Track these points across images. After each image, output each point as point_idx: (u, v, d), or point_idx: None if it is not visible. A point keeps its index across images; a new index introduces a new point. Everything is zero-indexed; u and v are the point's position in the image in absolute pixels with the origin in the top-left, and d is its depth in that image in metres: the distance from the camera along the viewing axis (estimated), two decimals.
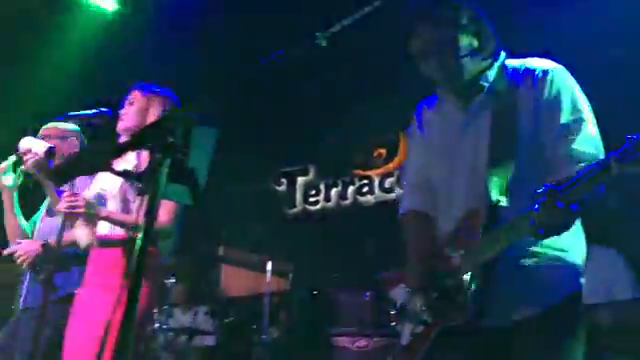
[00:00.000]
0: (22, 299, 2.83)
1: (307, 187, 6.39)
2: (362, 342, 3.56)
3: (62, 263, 2.67)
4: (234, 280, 5.01)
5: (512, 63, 1.79)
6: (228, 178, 4.87)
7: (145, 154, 2.25)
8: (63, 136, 3.00)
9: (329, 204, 6.20)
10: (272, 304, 4.63)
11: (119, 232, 2.43)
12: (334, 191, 6.19)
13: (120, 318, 1.22)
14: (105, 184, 2.54)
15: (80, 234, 2.53)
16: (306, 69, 4.29)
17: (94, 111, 2.40)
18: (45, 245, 2.73)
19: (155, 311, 4.21)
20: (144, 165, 2.17)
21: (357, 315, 3.82)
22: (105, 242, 2.45)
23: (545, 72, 1.69)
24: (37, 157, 2.46)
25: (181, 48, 5.05)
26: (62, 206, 2.29)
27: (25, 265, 2.71)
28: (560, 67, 1.72)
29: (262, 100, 4.14)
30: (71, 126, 3.06)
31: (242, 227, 5.78)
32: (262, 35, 4.36)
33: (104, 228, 2.48)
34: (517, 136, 1.65)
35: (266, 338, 4.41)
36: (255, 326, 4.78)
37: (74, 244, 2.59)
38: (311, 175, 6.43)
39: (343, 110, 5.36)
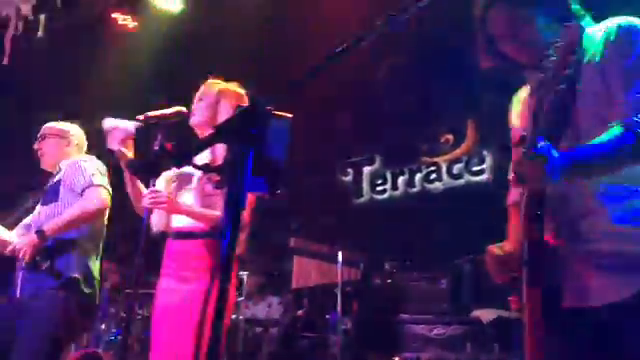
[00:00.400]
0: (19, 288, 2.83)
1: (374, 176, 6.36)
2: (440, 330, 3.52)
3: (62, 248, 2.75)
4: (306, 271, 5.05)
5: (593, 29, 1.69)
6: (295, 169, 4.92)
7: (220, 148, 2.30)
8: (63, 135, 3.09)
9: (396, 192, 6.16)
10: (344, 294, 4.64)
11: (199, 225, 2.48)
12: (401, 179, 6.14)
13: (211, 312, 1.23)
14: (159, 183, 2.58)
15: (156, 221, 2.58)
16: (371, 56, 4.26)
17: (171, 110, 2.45)
18: (39, 233, 2.73)
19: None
20: (220, 159, 2.22)
21: (433, 302, 3.77)
22: (184, 234, 2.50)
23: (618, 28, 1.58)
24: (125, 133, 2.47)
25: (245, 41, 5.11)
26: (145, 202, 2.35)
27: (27, 259, 2.71)
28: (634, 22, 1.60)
29: (327, 90, 4.15)
30: (70, 126, 3.17)
31: (311, 218, 5.81)
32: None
33: (181, 221, 2.54)
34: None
35: (339, 328, 4.43)
36: (328, 316, 4.82)
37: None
38: (377, 164, 6.39)
39: (408, 97, 5.31)
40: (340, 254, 4.68)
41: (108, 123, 2.49)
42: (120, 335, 4.96)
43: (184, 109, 2.50)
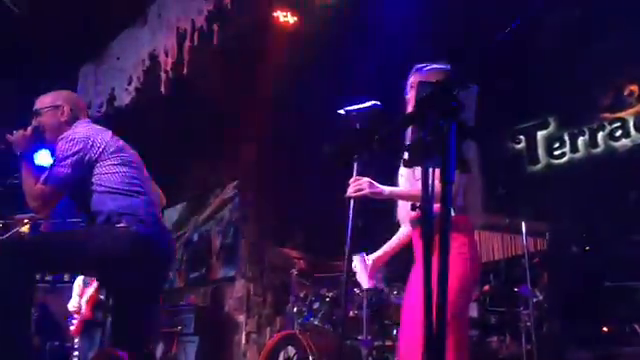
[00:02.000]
0: None
1: (549, 140, 6.00)
2: None
3: None
4: (488, 245, 4.92)
5: None
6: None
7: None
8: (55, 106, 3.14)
9: (577, 155, 5.75)
10: (531, 266, 4.46)
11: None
12: (581, 140, 5.72)
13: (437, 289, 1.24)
14: None
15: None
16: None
17: (368, 104, 2.52)
18: None
19: None
20: (408, 138, 2.22)
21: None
22: (416, 221, 2.56)
23: None
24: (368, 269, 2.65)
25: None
26: (350, 192, 2.42)
27: None
28: None
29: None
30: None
31: (486, 189, 5.64)
32: None
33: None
34: None
35: (531, 301, 4.27)
36: (517, 289, 4.66)
37: None
38: (552, 127, 6.02)
39: (581, 49, 4.92)
40: (524, 224, 4.51)
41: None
42: (312, 317, 5.21)
43: (379, 104, 2.55)
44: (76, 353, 6.19)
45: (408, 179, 2.55)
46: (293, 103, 5.68)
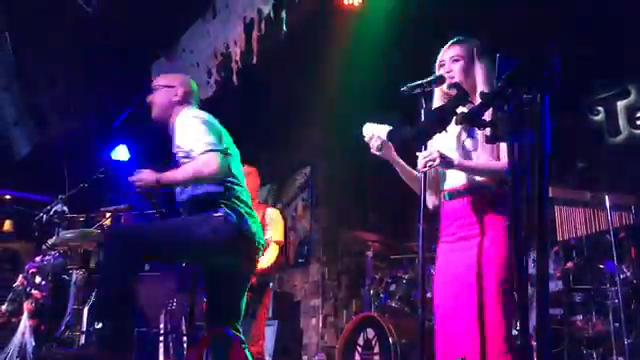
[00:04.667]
0: None
1: (631, 110, 5.73)
2: None
3: None
4: (570, 220, 4.76)
5: None
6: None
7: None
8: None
9: None
10: (617, 241, 4.29)
11: (472, 181, 2.48)
12: None
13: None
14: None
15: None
16: None
17: (431, 77, 2.50)
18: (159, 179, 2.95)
19: None
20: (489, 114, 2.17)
21: None
22: (458, 193, 2.52)
23: None
24: (381, 140, 2.57)
25: None
26: (421, 166, 2.40)
27: (138, 190, 2.97)
28: None
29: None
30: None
31: (564, 164, 5.45)
32: None
33: (453, 180, 2.56)
34: None
35: (617, 278, 4.11)
36: (602, 266, 4.50)
37: None
38: (633, 96, 5.74)
39: None
40: (607, 198, 4.34)
41: (367, 131, 2.61)
42: (388, 300, 5.22)
43: (441, 76, 2.53)
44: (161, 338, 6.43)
45: (457, 152, 2.49)
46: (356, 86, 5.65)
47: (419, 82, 2.46)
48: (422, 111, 2.38)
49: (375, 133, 2.58)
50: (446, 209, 2.57)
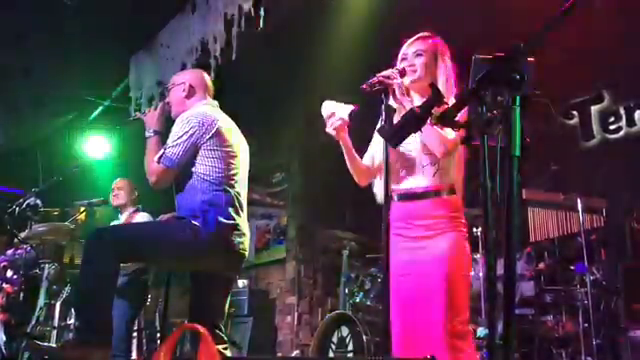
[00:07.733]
0: None
1: (604, 115, 5.83)
2: None
3: None
4: (542, 222, 4.84)
5: None
6: None
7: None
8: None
9: (634, 129, 5.57)
10: (588, 243, 4.37)
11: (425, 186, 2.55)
12: (638, 113, 5.54)
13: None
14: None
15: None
16: None
17: (390, 71, 2.54)
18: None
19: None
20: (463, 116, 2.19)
21: None
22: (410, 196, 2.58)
23: None
24: (342, 120, 2.57)
25: None
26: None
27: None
28: None
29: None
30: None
31: (538, 167, 5.53)
32: None
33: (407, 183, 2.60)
34: None
35: (587, 279, 4.19)
36: (573, 267, 4.58)
37: None
38: (606, 101, 5.84)
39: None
40: (579, 201, 4.42)
41: (326, 109, 2.59)
42: (363, 298, 5.25)
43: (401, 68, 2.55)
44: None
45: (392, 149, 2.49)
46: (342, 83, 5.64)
47: (378, 75, 2.44)
48: (382, 107, 2.38)
49: (337, 112, 2.56)
50: (399, 209, 2.58)
